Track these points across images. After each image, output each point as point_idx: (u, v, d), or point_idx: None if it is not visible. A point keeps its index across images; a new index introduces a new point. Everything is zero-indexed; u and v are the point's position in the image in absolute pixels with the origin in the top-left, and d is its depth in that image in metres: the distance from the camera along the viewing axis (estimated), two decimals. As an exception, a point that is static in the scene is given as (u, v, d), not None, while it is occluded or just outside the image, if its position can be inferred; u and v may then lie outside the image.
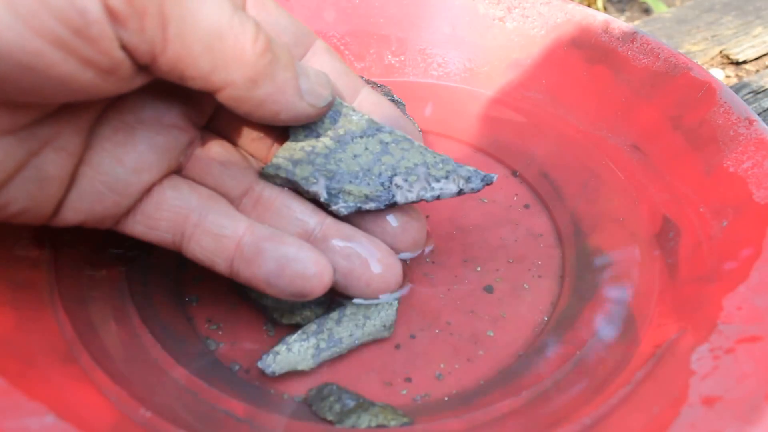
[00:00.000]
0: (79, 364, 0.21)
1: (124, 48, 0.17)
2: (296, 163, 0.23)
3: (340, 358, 0.24)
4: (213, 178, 0.23)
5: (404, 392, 0.23)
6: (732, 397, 0.20)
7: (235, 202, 0.24)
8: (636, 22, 0.51)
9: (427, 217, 0.30)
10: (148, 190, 0.22)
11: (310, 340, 0.23)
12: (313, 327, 0.24)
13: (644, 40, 0.32)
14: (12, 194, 0.19)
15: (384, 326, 0.24)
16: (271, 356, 0.23)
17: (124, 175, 0.21)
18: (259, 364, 0.23)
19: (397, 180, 0.23)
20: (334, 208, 0.23)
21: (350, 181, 0.23)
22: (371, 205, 0.23)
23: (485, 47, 0.36)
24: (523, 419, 0.22)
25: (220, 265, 0.22)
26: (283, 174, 0.23)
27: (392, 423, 0.22)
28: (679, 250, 0.26)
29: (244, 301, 0.26)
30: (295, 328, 0.24)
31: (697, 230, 0.26)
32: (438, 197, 0.24)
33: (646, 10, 0.60)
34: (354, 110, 0.23)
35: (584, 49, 0.33)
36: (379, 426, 0.22)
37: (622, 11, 0.60)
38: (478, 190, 0.24)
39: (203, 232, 0.22)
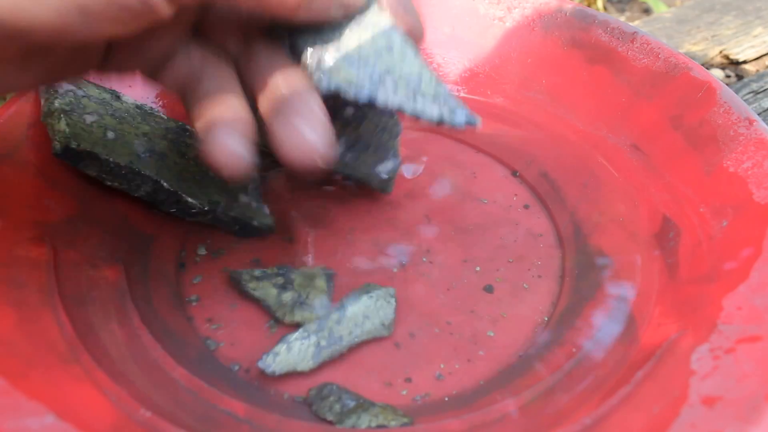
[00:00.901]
0: (79, 364, 0.21)
1: None
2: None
3: (340, 358, 0.24)
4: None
5: (404, 392, 0.23)
6: (732, 397, 0.20)
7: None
8: (636, 22, 0.51)
9: (425, 216, 0.30)
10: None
11: (311, 338, 0.23)
12: (313, 326, 0.24)
13: (644, 40, 0.32)
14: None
15: (383, 325, 0.24)
16: (271, 356, 0.23)
17: None
18: (259, 364, 0.23)
19: (387, 79, 0.22)
20: (315, 78, 0.22)
21: (343, 60, 0.22)
22: (351, 92, 0.22)
23: (485, 47, 0.36)
24: (523, 419, 0.22)
25: None
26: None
27: (392, 423, 0.22)
28: (679, 250, 0.26)
29: (245, 301, 0.26)
30: (296, 327, 0.24)
31: (697, 230, 0.26)
32: (417, 116, 0.22)
33: (646, 10, 0.60)
34: (380, 8, 0.23)
35: (584, 49, 0.33)
36: (379, 426, 0.22)
37: (622, 11, 0.60)
38: (460, 127, 0.23)
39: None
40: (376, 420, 0.22)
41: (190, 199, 0.26)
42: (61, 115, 0.25)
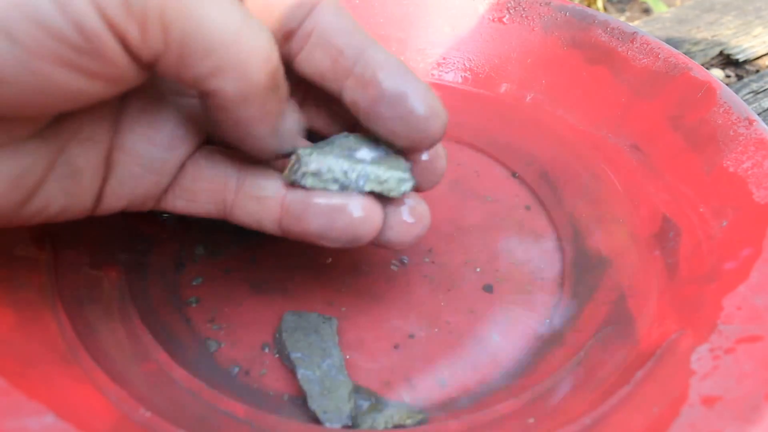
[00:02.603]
0: (79, 364, 0.21)
1: (129, 54, 0.17)
2: None
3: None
4: None
5: (404, 393, 0.23)
6: (732, 397, 0.20)
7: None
8: (636, 22, 0.51)
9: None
10: (182, 165, 0.21)
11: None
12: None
13: (644, 40, 0.32)
14: (49, 194, 0.19)
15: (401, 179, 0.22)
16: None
17: (159, 154, 0.20)
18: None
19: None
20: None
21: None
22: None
23: (485, 47, 0.36)
24: (523, 420, 0.22)
25: (268, 226, 0.22)
26: None
27: (408, 421, 0.22)
28: (679, 250, 0.26)
29: (246, 301, 0.26)
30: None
31: (697, 230, 0.26)
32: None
33: (646, 10, 0.60)
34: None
35: (584, 49, 0.33)
36: (396, 426, 0.21)
37: (622, 11, 0.60)
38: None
39: (245, 198, 0.22)
40: (392, 420, 0.22)
41: None
42: None
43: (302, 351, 0.23)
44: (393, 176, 0.21)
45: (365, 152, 0.21)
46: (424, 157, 0.22)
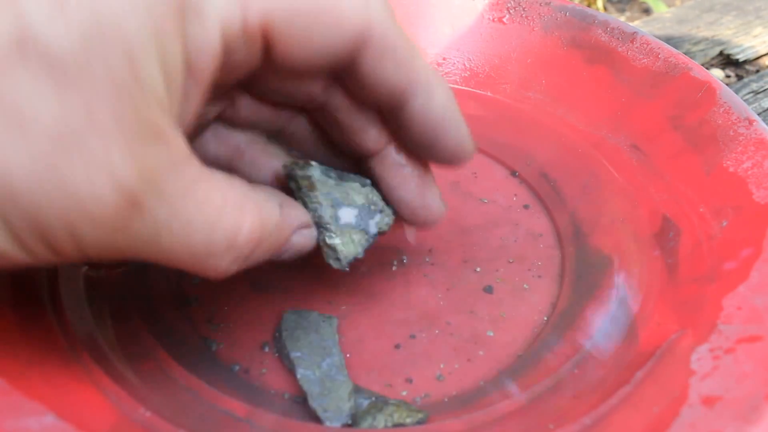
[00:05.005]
0: (79, 364, 0.21)
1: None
2: None
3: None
4: None
5: (404, 393, 0.23)
6: (732, 397, 0.20)
7: None
8: (636, 22, 0.51)
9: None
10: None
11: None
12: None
13: (644, 40, 0.32)
14: None
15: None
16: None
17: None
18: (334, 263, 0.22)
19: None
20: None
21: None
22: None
23: (485, 47, 0.36)
24: (523, 420, 0.22)
25: None
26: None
27: (408, 420, 0.22)
28: (679, 250, 0.26)
29: (245, 301, 0.26)
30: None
31: (697, 230, 0.26)
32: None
33: (646, 10, 0.60)
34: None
35: (584, 49, 0.33)
36: (395, 426, 0.21)
37: (622, 11, 0.60)
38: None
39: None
40: (392, 419, 0.22)
41: None
42: None
43: (302, 350, 0.23)
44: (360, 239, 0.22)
45: (348, 213, 0.22)
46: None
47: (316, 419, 0.22)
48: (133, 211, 0.16)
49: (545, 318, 0.26)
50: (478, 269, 0.28)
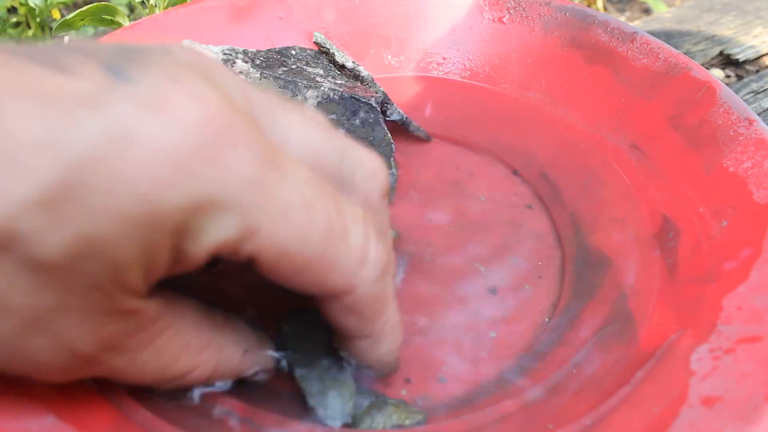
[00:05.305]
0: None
1: None
2: None
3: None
4: None
5: (404, 393, 0.23)
6: (732, 397, 0.20)
7: None
8: (636, 22, 0.51)
9: (425, 217, 0.30)
10: None
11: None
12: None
13: (644, 40, 0.32)
14: None
15: None
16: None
17: None
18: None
19: None
20: None
21: None
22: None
23: (485, 47, 0.36)
24: (523, 420, 0.22)
25: None
26: None
27: (407, 422, 0.22)
28: (679, 250, 0.26)
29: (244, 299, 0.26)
30: None
31: (697, 230, 0.26)
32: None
33: (646, 10, 0.60)
34: None
35: (584, 49, 0.33)
36: (395, 426, 0.21)
37: (622, 11, 0.60)
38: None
39: None
40: (391, 420, 0.22)
41: None
42: None
43: (302, 348, 0.23)
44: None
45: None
46: None
47: (316, 418, 0.22)
48: (87, 366, 0.17)
49: (546, 319, 0.26)
50: (479, 268, 0.28)
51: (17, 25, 0.56)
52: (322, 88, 0.32)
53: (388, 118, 0.33)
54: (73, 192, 0.14)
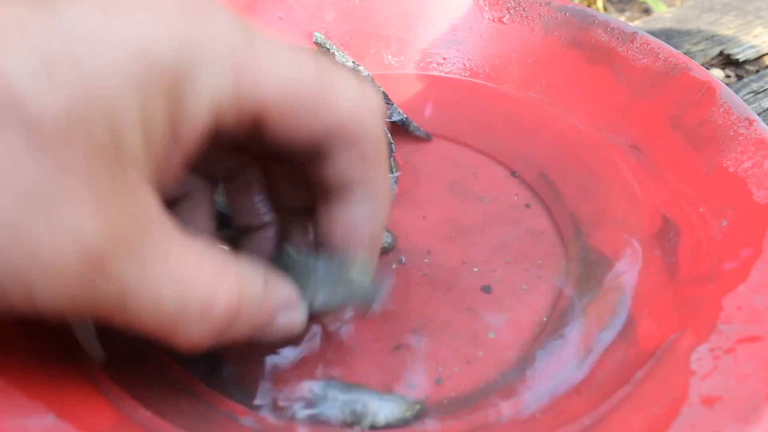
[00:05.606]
0: (79, 364, 0.21)
1: None
2: None
3: (338, 358, 0.24)
4: None
5: (403, 394, 0.23)
6: (732, 397, 0.20)
7: None
8: (636, 22, 0.51)
9: (424, 217, 0.30)
10: None
11: None
12: None
13: (644, 40, 0.32)
14: None
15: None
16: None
17: None
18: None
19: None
20: None
21: None
22: None
23: (485, 47, 0.36)
24: (523, 420, 0.22)
25: None
26: None
27: (408, 414, 0.22)
28: (679, 250, 0.26)
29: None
30: None
31: (697, 230, 0.26)
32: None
33: (646, 10, 0.60)
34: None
35: (584, 49, 0.33)
36: (397, 421, 0.22)
37: (622, 11, 0.60)
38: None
39: None
40: (393, 415, 0.22)
41: None
42: None
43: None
44: None
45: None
46: None
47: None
48: (97, 273, 0.15)
49: (545, 318, 0.26)
50: (477, 269, 0.28)
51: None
52: None
53: (388, 119, 0.33)
54: (69, 51, 0.14)
